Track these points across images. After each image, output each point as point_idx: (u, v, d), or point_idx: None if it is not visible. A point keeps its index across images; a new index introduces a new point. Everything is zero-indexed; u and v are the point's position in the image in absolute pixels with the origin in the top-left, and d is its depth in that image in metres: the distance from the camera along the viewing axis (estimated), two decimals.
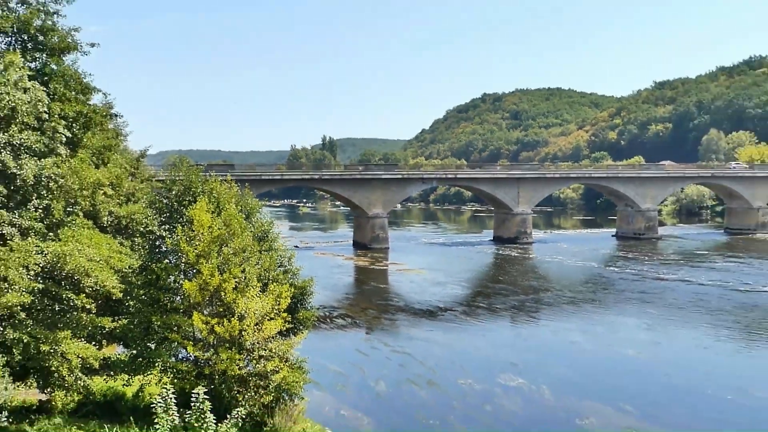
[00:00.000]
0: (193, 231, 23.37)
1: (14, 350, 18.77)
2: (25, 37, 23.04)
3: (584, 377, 35.99)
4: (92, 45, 24.54)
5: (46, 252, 19.65)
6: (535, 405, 31.24)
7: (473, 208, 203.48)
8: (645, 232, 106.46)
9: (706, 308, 53.40)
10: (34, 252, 19.29)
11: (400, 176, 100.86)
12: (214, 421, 19.48)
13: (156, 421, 19.11)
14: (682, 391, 33.90)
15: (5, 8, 22.61)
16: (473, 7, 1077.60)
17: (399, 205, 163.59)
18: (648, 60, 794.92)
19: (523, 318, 52.13)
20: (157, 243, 24.93)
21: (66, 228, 21.71)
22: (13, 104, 19.57)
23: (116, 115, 34.87)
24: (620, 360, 39.78)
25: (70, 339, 20.21)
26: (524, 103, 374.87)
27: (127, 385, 25.32)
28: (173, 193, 26.48)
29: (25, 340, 18.88)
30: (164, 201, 26.72)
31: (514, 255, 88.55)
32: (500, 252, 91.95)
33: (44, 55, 23.75)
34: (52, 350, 19.42)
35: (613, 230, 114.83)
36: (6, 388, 14.70)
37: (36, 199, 21.03)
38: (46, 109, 20.93)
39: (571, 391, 32.96)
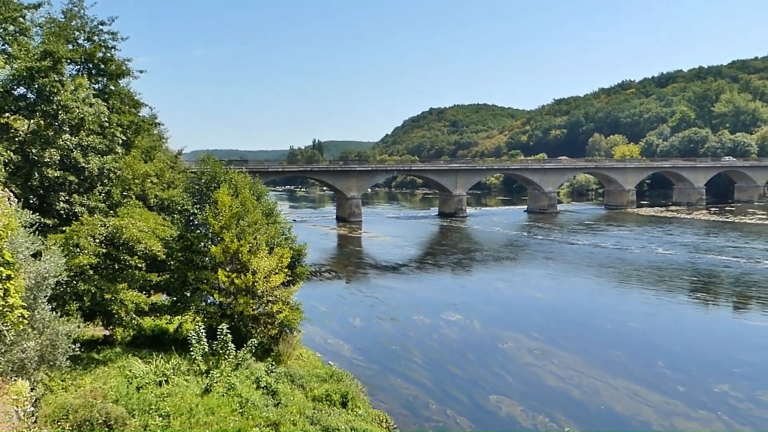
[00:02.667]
0: (218, 209, 23.19)
1: (84, 298, 18.58)
2: (90, 66, 22.58)
3: (505, 314, 36.29)
4: (141, 71, 24.06)
5: (107, 225, 19.43)
6: (469, 333, 31.47)
7: (423, 192, 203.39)
8: (548, 208, 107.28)
9: (592, 263, 54.04)
10: (98, 225, 19.05)
11: (370, 168, 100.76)
12: (234, 349, 19.42)
13: (191, 349, 19.00)
14: (576, 323, 34.31)
15: (76, 44, 22.21)
16: (424, 44, 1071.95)
17: (369, 189, 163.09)
18: (550, 82, 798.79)
19: (460, 271, 52.40)
20: (191, 218, 24.66)
21: (122, 207, 21.43)
22: (82, 115, 19.39)
23: (159, 124, 34.15)
24: (531, 301, 40.17)
25: (127, 289, 20.11)
26: (460, 115, 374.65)
27: (169, 323, 25.13)
28: (203, 181, 26.28)
29: (92, 291, 18.72)
30: (196, 187, 26.45)
31: (454, 225, 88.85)
32: (443, 223, 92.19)
33: (105, 78, 23.30)
34: (112, 298, 19.30)
35: (525, 207, 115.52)
36: (78, 326, 14.56)
37: (99, 185, 20.83)
38: (106, 119, 20.71)
39: (495, 324, 33.23)
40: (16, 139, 19.24)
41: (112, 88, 23.49)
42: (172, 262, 23.24)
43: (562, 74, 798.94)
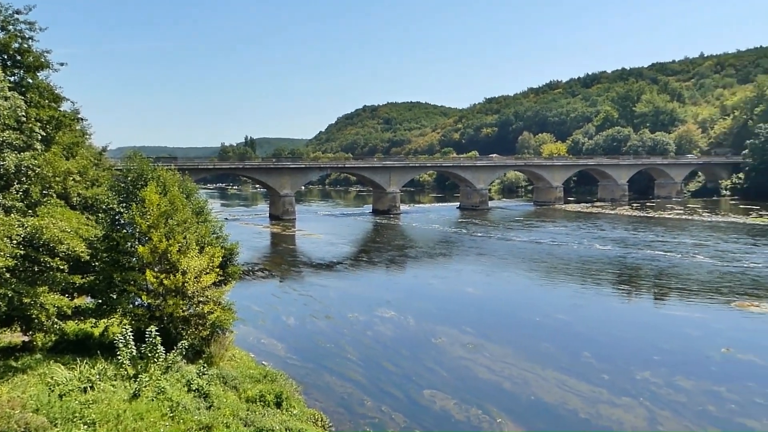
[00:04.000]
0: (145, 207, 22.49)
1: (0, 303, 17.64)
2: (5, 57, 21.43)
3: (438, 309, 36.74)
4: (62, 64, 22.99)
5: (26, 225, 18.51)
6: (403, 329, 31.71)
7: (357, 189, 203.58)
8: (479, 205, 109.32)
9: (523, 258, 55.44)
10: (16, 225, 18.11)
11: (303, 166, 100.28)
12: (164, 351, 18.90)
13: (118, 353, 18.37)
14: (507, 316, 35.16)
15: None
16: (358, 41, 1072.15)
17: (303, 187, 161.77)
18: (481, 81, 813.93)
19: (394, 267, 52.74)
20: (117, 217, 23.78)
21: (42, 207, 20.45)
22: None
23: (82, 119, 32.89)
24: (463, 296, 40.83)
25: (48, 292, 19.17)
26: (394, 113, 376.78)
27: (94, 327, 24.17)
28: (129, 178, 25.38)
29: (9, 295, 17.76)
30: (122, 185, 25.54)
31: (387, 223, 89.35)
32: (377, 221, 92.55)
33: (21, 71, 22.15)
34: (32, 301, 18.35)
35: (457, 203, 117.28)
36: None
37: (17, 184, 19.78)
38: (23, 114, 19.65)
39: (429, 319, 33.61)
40: None
41: (30, 81, 22.37)
42: (96, 263, 22.39)
43: (493, 73, 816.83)
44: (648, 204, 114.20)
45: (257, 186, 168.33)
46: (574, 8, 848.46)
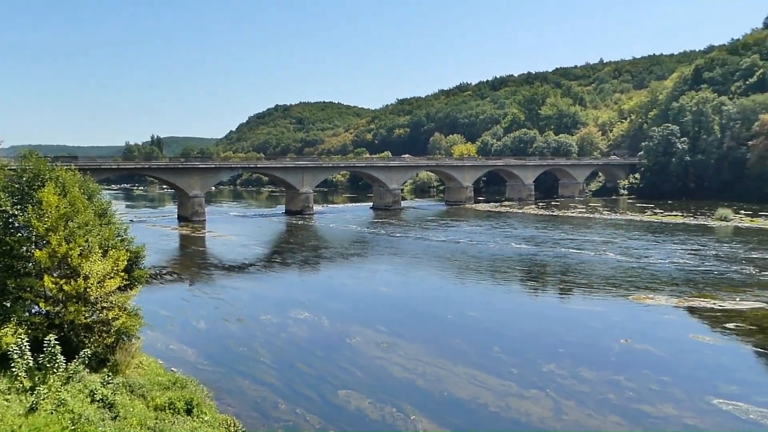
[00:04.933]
0: (42, 210, 21.30)
1: None
2: None
3: (352, 309, 36.89)
4: None
5: None
6: (317, 330, 31.61)
7: (270, 189, 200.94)
8: (392, 205, 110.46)
9: (435, 256, 56.49)
10: None
11: (213, 166, 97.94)
12: (64, 361, 18.00)
13: (12, 364, 17.33)
14: (420, 314, 35.72)
15: None
16: (269, 39, 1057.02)
17: (213, 188, 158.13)
18: (393, 82, 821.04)
19: (308, 269, 52.46)
20: (10, 220, 22.36)
21: None
22: None
23: None
24: (377, 295, 41.18)
25: None
26: (306, 112, 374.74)
27: None
28: (24, 179, 23.85)
29: None
30: (16, 186, 23.99)
31: (301, 223, 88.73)
32: (290, 221, 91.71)
33: None
34: None
35: (371, 204, 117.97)
36: None
37: None
38: None
39: (343, 319, 33.66)
40: None
41: None
42: None
43: (405, 75, 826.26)
44: (553, 203, 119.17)
45: (165, 187, 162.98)
46: (483, 13, 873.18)
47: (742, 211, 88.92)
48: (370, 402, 21.84)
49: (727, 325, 30.81)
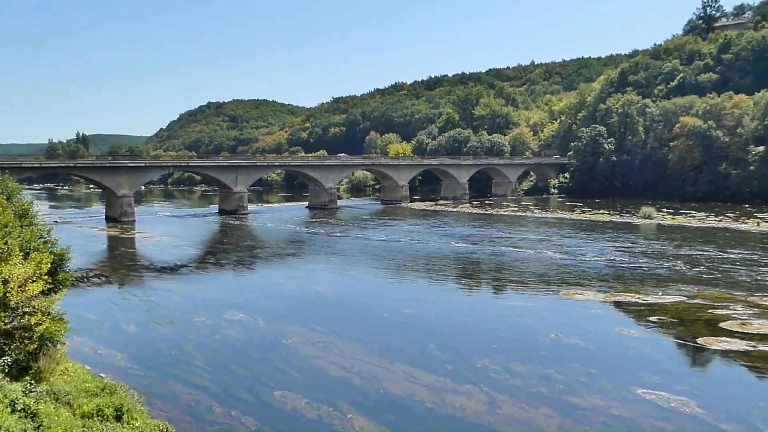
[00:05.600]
0: None
1: None
2: None
3: (288, 309, 36.63)
4: None
5: None
6: (252, 332, 31.25)
7: (202, 189, 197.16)
8: (328, 204, 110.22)
9: (371, 255, 56.72)
10: None
11: (143, 164, 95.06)
12: None
13: None
14: (356, 313, 35.84)
15: None
16: (201, 34, 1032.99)
17: (143, 187, 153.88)
18: (328, 81, 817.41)
19: (243, 269, 51.75)
20: None
21: None
22: None
23: None
24: (314, 295, 41.02)
25: None
26: (240, 110, 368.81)
27: None
28: None
29: None
30: None
31: (235, 223, 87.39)
32: (224, 221, 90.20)
33: None
34: None
35: (306, 203, 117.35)
36: None
37: None
38: None
39: (279, 320, 33.38)
40: None
41: None
42: None
43: (340, 73, 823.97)
44: (487, 202, 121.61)
45: (91, 186, 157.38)
46: (418, 12, 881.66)
47: (665, 210, 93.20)
48: (306, 402, 21.78)
49: (651, 319, 32.24)
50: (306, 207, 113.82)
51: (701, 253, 53.53)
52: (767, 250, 54.63)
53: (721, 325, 30.34)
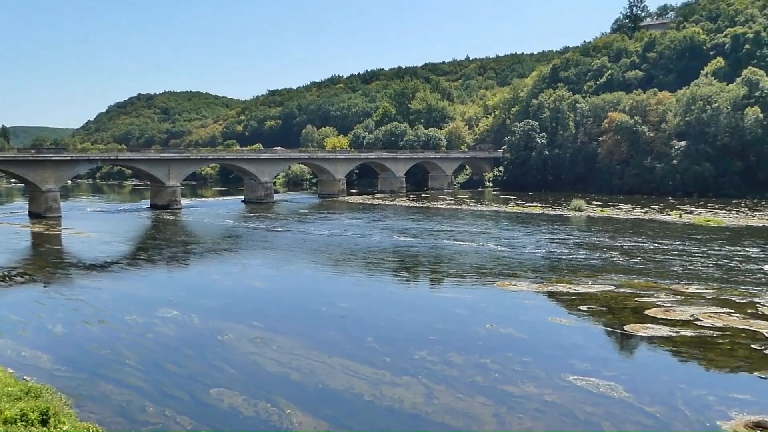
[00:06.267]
0: None
1: None
2: None
3: (224, 305, 35.98)
4: None
5: None
6: (187, 329, 30.58)
7: (133, 183, 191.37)
8: (265, 198, 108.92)
9: (309, 249, 56.40)
10: None
11: (69, 158, 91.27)
12: None
13: None
14: (294, 307, 35.53)
15: None
16: (131, 21, 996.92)
17: (70, 182, 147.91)
18: (264, 73, 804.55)
19: (176, 265, 50.58)
20: None
21: None
22: None
23: None
24: (250, 290, 40.48)
25: None
26: (172, 102, 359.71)
27: None
28: None
29: None
30: None
31: (168, 218, 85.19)
32: (156, 216, 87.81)
33: None
34: None
35: (242, 197, 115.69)
36: None
37: None
38: None
39: (215, 316, 32.78)
40: None
41: None
42: None
43: (276, 66, 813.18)
44: (423, 195, 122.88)
45: (13, 180, 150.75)
46: (354, 6, 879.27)
47: (594, 202, 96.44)
48: (243, 399, 21.50)
49: (581, 307, 33.34)
50: (242, 201, 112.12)
51: (628, 243, 55.71)
52: (689, 240, 57.32)
53: (647, 312, 31.66)
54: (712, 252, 50.30)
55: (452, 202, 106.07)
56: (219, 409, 20.92)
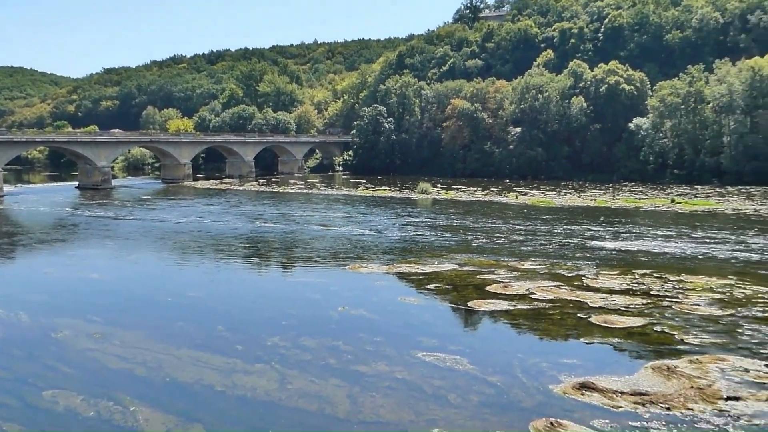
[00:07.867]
0: None
1: None
2: None
3: (58, 300, 33.23)
4: None
5: None
6: (14, 328, 27.90)
7: None
8: (102, 184, 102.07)
9: (152, 238, 53.68)
10: None
11: None
12: None
13: None
14: (138, 299, 33.63)
15: None
16: None
17: None
18: (98, 50, 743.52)
19: (0, 259, 45.98)
20: None
21: None
22: None
23: None
24: (88, 283, 37.69)
25: None
26: None
27: None
28: None
29: None
30: None
31: None
32: None
33: None
34: None
35: (76, 183, 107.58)
36: None
37: None
38: None
39: (47, 313, 30.19)
40: None
41: None
42: None
43: (111, 41, 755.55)
44: (273, 180, 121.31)
45: None
46: None
47: (439, 185, 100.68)
48: (82, 399, 20.06)
49: (429, 286, 34.70)
50: (76, 187, 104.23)
51: (470, 224, 58.82)
52: (524, 219, 61.68)
53: (488, 288, 33.61)
54: (545, 230, 54.53)
55: (303, 186, 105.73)
56: (54, 411, 19.36)
